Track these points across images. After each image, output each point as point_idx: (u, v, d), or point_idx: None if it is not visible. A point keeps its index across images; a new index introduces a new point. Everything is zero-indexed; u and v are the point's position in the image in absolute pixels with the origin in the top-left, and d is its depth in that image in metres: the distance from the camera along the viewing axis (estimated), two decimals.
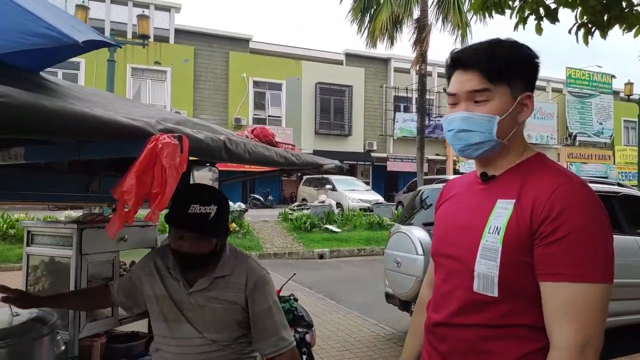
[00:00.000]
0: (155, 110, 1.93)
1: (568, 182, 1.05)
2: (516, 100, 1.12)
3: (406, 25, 15.87)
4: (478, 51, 1.13)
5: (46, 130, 1.06)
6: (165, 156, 1.23)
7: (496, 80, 1.11)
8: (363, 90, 25.03)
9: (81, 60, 19.39)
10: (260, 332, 1.71)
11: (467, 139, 1.13)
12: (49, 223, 2.65)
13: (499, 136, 1.12)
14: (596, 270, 0.99)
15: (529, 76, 1.15)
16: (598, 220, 1.02)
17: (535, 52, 1.16)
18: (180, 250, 1.64)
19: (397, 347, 4.97)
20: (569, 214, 1.01)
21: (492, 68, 1.10)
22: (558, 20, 3.68)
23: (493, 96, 1.11)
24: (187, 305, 1.69)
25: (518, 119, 1.14)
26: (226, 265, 1.73)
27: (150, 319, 1.80)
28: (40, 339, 1.87)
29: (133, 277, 1.85)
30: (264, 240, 12.23)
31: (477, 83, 1.11)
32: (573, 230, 1.00)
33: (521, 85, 1.13)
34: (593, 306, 0.98)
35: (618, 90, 29.41)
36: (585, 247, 1.00)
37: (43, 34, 1.18)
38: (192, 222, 1.59)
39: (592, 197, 1.04)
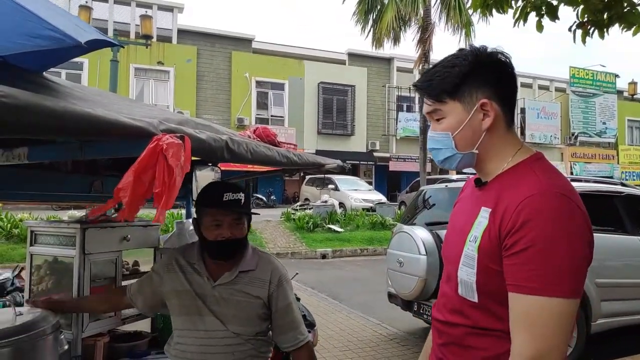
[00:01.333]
0: (157, 110, 1.94)
1: (538, 194, 1.02)
2: (471, 112, 1.12)
3: (410, 25, 15.85)
4: (424, 75, 1.20)
5: (49, 131, 1.07)
6: (171, 156, 1.24)
7: (442, 99, 1.15)
8: (366, 90, 25.02)
9: (84, 61, 19.45)
10: (281, 327, 1.83)
11: (437, 155, 1.20)
12: (52, 223, 2.65)
13: (461, 149, 1.15)
14: (554, 284, 0.97)
15: (488, 81, 1.13)
16: (563, 232, 0.98)
17: (492, 53, 1.15)
18: (219, 238, 1.71)
19: (399, 347, 4.97)
20: (530, 226, 0.99)
21: (433, 89, 1.16)
22: (558, 18, 3.66)
23: (446, 113, 1.16)
24: (212, 299, 1.74)
25: (482, 128, 1.13)
26: (250, 261, 1.82)
27: (172, 314, 1.82)
28: (43, 338, 1.87)
29: (154, 277, 1.88)
30: (266, 240, 12.24)
31: (429, 105, 1.18)
32: (533, 243, 0.98)
33: (477, 94, 1.12)
34: (548, 320, 0.97)
35: (622, 89, 29.36)
36: (545, 260, 0.97)
37: (46, 36, 1.19)
38: (229, 205, 1.71)
39: (562, 208, 1.00)
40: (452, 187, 5.41)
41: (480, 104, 1.12)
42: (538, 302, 0.98)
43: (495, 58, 1.15)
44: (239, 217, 1.75)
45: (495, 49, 1.16)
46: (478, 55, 1.14)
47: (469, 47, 1.17)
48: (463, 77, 1.13)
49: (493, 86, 1.13)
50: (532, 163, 1.12)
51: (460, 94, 1.14)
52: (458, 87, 1.13)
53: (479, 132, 1.14)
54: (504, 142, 1.16)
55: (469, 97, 1.13)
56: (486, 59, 1.14)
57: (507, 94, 1.16)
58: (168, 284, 1.81)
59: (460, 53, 1.17)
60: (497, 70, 1.15)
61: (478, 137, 1.14)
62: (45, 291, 2.57)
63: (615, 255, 4.82)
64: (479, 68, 1.13)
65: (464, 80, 1.13)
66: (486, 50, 1.15)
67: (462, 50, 1.17)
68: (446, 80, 1.14)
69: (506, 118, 1.16)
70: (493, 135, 1.14)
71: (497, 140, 1.15)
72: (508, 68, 1.16)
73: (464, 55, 1.15)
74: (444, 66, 1.16)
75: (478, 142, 1.14)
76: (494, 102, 1.13)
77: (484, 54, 1.15)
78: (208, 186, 1.83)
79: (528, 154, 1.15)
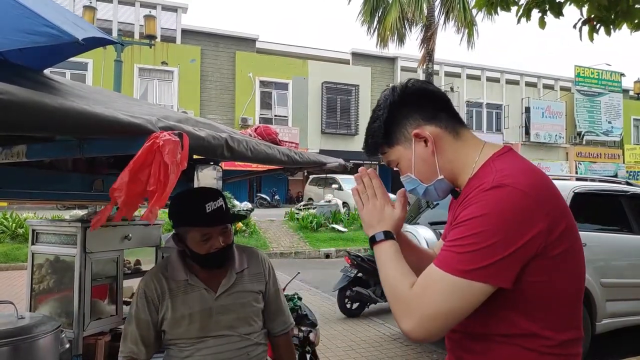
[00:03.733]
0: (157, 108, 1.93)
1: (477, 188, 1.03)
2: (412, 147, 1.15)
3: (415, 25, 15.80)
4: (364, 142, 1.25)
5: (46, 128, 1.06)
6: (167, 153, 1.23)
7: (384, 151, 1.21)
8: (369, 90, 24.98)
9: (89, 61, 19.53)
10: (273, 312, 1.85)
11: (417, 194, 1.22)
12: (54, 222, 2.66)
13: (427, 181, 1.17)
14: (449, 261, 0.99)
15: (409, 113, 1.15)
16: (481, 217, 0.97)
17: (400, 88, 1.18)
18: (212, 250, 1.64)
19: (402, 347, 4.95)
20: (460, 216, 1.02)
21: (373, 148, 1.22)
22: (562, 15, 3.63)
23: (396, 160, 1.20)
24: (217, 309, 1.69)
25: (429, 154, 1.14)
26: (240, 259, 1.80)
27: (176, 334, 1.67)
28: (44, 337, 1.88)
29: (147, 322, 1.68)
30: (270, 240, 12.24)
31: (383, 158, 1.23)
32: (457, 225, 1.01)
33: (407, 130, 1.15)
34: (436, 286, 0.99)
35: (627, 88, 29.17)
36: (456, 239, 1.00)
37: (43, 32, 1.18)
38: (216, 217, 1.64)
39: (490, 199, 0.99)
40: None
41: (414, 136, 1.15)
42: (438, 272, 1.00)
43: (404, 90, 1.18)
44: (225, 225, 1.69)
45: (400, 83, 1.20)
46: (388, 99, 1.18)
47: (382, 95, 1.21)
48: (385, 125, 1.17)
49: (415, 113, 1.15)
50: (494, 160, 1.10)
51: (394, 139, 1.18)
52: (388, 135, 1.18)
53: (430, 159, 1.15)
54: (460, 152, 1.15)
55: (402, 137, 1.17)
56: (396, 97, 1.17)
57: (433, 109, 1.16)
58: (168, 313, 1.66)
59: (377, 106, 1.21)
60: (411, 100, 1.17)
61: (434, 164, 1.15)
62: (46, 290, 2.57)
63: (621, 255, 4.78)
64: (394, 109, 1.17)
65: (387, 127, 1.17)
66: (395, 89, 1.19)
67: (378, 101, 1.21)
68: (375, 135, 1.19)
69: (448, 129, 1.15)
70: (444, 153, 1.15)
71: (452, 155, 1.15)
72: (420, 89, 1.18)
73: (378, 106, 1.20)
74: (370, 125, 1.22)
75: (437, 168, 1.15)
76: (426, 125, 1.14)
77: (393, 94, 1.18)
78: (185, 199, 1.68)
79: (492, 151, 1.13)
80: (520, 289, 1.00)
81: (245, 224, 12.32)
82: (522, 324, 1.03)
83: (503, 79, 27.41)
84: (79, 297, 2.34)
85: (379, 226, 1.16)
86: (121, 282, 2.63)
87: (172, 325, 1.65)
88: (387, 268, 1.10)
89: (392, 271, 1.08)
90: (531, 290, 1.01)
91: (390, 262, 1.10)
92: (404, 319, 1.02)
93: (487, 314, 1.03)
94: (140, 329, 1.66)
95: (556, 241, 1.01)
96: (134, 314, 1.67)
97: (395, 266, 1.09)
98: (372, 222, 1.17)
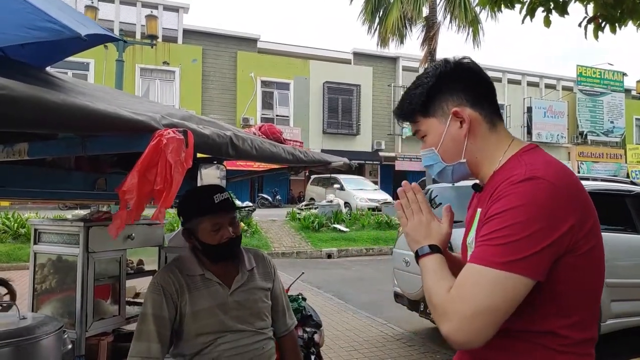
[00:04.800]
0: (160, 106, 1.91)
1: (509, 179, 1.00)
2: (446, 123, 1.13)
3: (415, 24, 15.78)
4: (398, 104, 1.22)
5: (47, 124, 1.04)
6: (171, 151, 1.21)
7: (416, 120, 1.18)
8: (371, 90, 24.94)
9: (90, 61, 19.53)
10: (279, 312, 1.89)
11: (431, 171, 1.21)
12: (56, 221, 2.64)
13: (448, 161, 1.16)
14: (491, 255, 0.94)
15: (455, 90, 1.13)
16: (518, 209, 0.94)
17: (453, 62, 1.15)
18: (224, 239, 1.68)
19: (406, 347, 4.93)
20: (493, 208, 0.98)
21: (406, 113, 1.19)
22: (567, 13, 3.60)
23: (425, 131, 1.18)
24: (232, 305, 1.71)
25: (461, 135, 1.13)
26: (249, 258, 1.84)
27: (195, 329, 1.65)
28: (46, 338, 1.87)
29: (165, 319, 1.64)
30: (272, 240, 12.22)
31: (412, 127, 1.21)
32: (490, 218, 0.98)
33: (447, 105, 1.13)
34: (474, 282, 0.95)
35: (629, 88, 29.09)
36: (492, 232, 0.96)
37: (45, 27, 1.16)
38: (225, 206, 1.70)
39: (526, 190, 0.95)
40: (458, 186, 5.35)
41: (453, 113, 1.13)
42: (471, 269, 0.97)
43: (458, 66, 1.15)
44: (234, 215, 1.75)
45: (455, 57, 1.17)
46: (438, 68, 1.16)
47: (433, 64, 1.19)
48: (428, 93, 1.15)
49: (461, 92, 1.13)
50: (521, 155, 1.09)
51: (431, 110, 1.16)
52: (427, 105, 1.15)
53: (460, 140, 1.13)
54: (491, 143, 1.14)
55: (441, 110, 1.14)
56: (448, 69, 1.15)
57: (480, 94, 1.14)
58: (188, 309, 1.65)
59: (424, 73, 1.19)
60: (462, 76, 1.15)
61: (461, 146, 1.14)
62: (48, 289, 2.55)
63: (626, 255, 4.75)
64: (442, 80, 1.14)
65: (430, 96, 1.15)
66: (448, 61, 1.16)
67: (426, 69, 1.20)
68: (414, 101, 1.17)
69: (487, 118, 1.14)
70: (476, 139, 1.13)
71: (482, 144, 1.14)
72: (473, 70, 1.15)
73: (426, 73, 1.18)
74: (411, 89, 1.19)
75: (462, 151, 1.14)
76: (467, 107, 1.13)
77: (446, 65, 1.15)
78: (193, 194, 1.78)
79: (519, 147, 1.12)
80: (547, 287, 0.98)
81: (247, 224, 12.30)
82: (542, 321, 1.01)
83: (505, 79, 27.34)
84: (82, 297, 2.32)
85: (425, 241, 1.12)
86: (124, 282, 2.61)
87: (194, 319, 1.64)
88: (429, 279, 1.06)
89: (434, 280, 1.04)
90: (557, 288, 0.99)
91: (433, 274, 1.06)
92: (444, 322, 0.97)
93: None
94: (158, 326, 1.61)
95: (584, 238, 0.99)
96: (150, 312, 1.62)
97: (437, 276, 1.05)
98: (418, 237, 1.13)
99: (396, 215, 1.21)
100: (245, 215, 12.73)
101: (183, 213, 1.74)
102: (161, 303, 1.63)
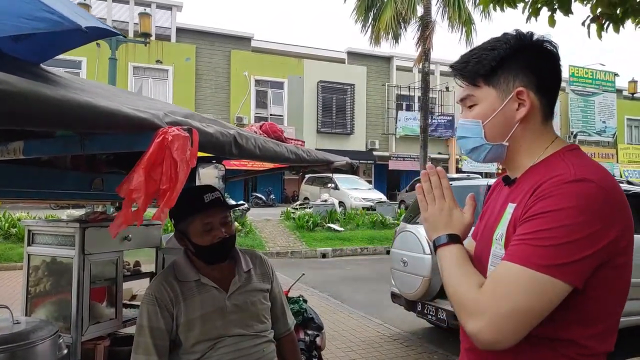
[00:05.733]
0: (162, 103, 1.85)
1: (557, 176, 0.94)
2: (506, 100, 1.04)
3: (410, 24, 15.79)
4: (462, 57, 1.12)
5: (46, 121, 0.99)
6: (176, 149, 1.16)
7: (477, 84, 1.07)
8: (365, 89, 24.94)
9: (82, 59, 19.35)
10: (278, 313, 1.86)
11: (464, 145, 1.12)
12: (51, 222, 2.58)
13: (490, 139, 1.07)
14: (532, 256, 0.89)
15: (527, 69, 1.04)
16: (567, 211, 0.89)
17: (537, 40, 1.06)
18: (216, 240, 1.63)
19: (402, 347, 4.90)
20: (538, 206, 0.92)
21: (469, 71, 1.08)
22: (571, 12, 3.59)
23: (478, 100, 1.08)
24: (230, 309, 1.67)
25: (515, 118, 1.05)
26: (246, 260, 1.80)
27: (192, 337, 1.61)
28: (41, 343, 1.81)
29: (162, 330, 1.60)
30: (266, 240, 12.16)
31: (462, 90, 1.11)
32: (534, 216, 0.92)
33: (514, 82, 1.04)
34: (511, 281, 0.90)
35: (621, 88, 29.33)
36: (535, 232, 0.90)
37: (43, 18, 1.10)
38: (215, 205, 1.65)
39: (576, 192, 0.90)
40: (456, 185, 5.34)
41: (516, 92, 1.04)
42: (513, 267, 0.91)
43: (540, 45, 1.05)
44: (226, 214, 1.69)
45: (543, 37, 1.07)
46: (521, 40, 1.05)
47: (514, 31, 1.08)
48: (501, 61, 1.04)
49: (532, 74, 1.04)
50: (564, 154, 1.03)
51: (495, 80, 1.05)
52: (494, 72, 1.05)
53: (511, 122, 1.05)
54: (538, 136, 1.07)
55: (505, 84, 1.05)
56: (529, 44, 1.05)
57: (548, 85, 1.06)
58: (183, 319, 1.60)
59: (502, 36, 1.08)
60: (539, 58, 1.05)
61: (510, 128, 1.05)
62: (43, 292, 2.49)
63: None
64: (519, 53, 1.04)
65: (501, 64, 1.04)
66: (532, 35, 1.06)
67: (505, 34, 1.08)
68: (482, 62, 1.06)
69: (543, 111, 1.07)
70: (527, 127, 1.06)
71: (531, 134, 1.06)
72: (553, 58, 1.06)
73: (506, 38, 1.06)
74: (483, 48, 1.07)
75: (509, 134, 1.06)
76: (532, 91, 1.04)
77: (527, 38, 1.06)
78: (182, 194, 1.67)
79: (561, 145, 1.07)
80: (575, 294, 0.93)
81: (241, 223, 12.23)
82: (564, 329, 0.96)
83: None
84: (77, 301, 2.26)
85: (445, 230, 1.06)
86: (121, 284, 2.55)
87: (186, 328, 1.60)
88: (450, 271, 1.01)
89: (457, 273, 0.99)
90: (585, 297, 0.94)
91: (454, 266, 1.01)
92: (472, 320, 0.92)
93: None
94: (155, 338, 1.58)
95: (623, 250, 0.94)
96: (146, 324, 1.59)
97: (460, 269, 1.00)
98: (438, 225, 1.07)
99: (416, 198, 1.13)
100: (240, 214, 12.66)
101: (173, 215, 1.68)
102: (156, 314, 1.60)
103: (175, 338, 1.63)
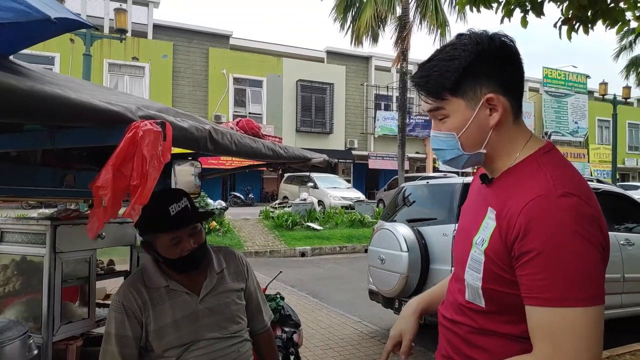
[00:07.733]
0: (135, 97, 1.82)
1: (541, 196, 0.93)
2: (476, 108, 1.02)
3: (387, 24, 15.90)
4: (421, 69, 1.08)
5: (13, 113, 0.96)
6: (146, 144, 1.13)
7: (444, 98, 1.04)
8: (344, 88, 25.02)
9: (55, 55, 18.88)
10: (254, 310, 1.80)
11: (442, 156, 1.10)
12: (21, 220, 2.51)
13: (467, 149, 1.05)
14: (569, 293, 0.88)
15: (492, 72, 1.01)
16: (571, 235, 0.89)
17: (493, 39, 1.02)
18: (184, 253, 1.55)
19: (380, 345, 4.93)
20: (536, 232, 0.91)
21: (432, 86, 1.05)
22: (543, 14, 3.68)
23: (449, 113, 1.05)
24: (202, 313, 1.61)
25: (489, 124, 1.02)
26: (219, 259, 1.74)
27: (164, 344, 1.56)
28: (10, 343, 1.76)
29: (129, 339, 1.56)
30: (244, 239, 12.08)
31: (429, 103, 1.07)
32: (540, 251, 0.90)
33: (481, 89, 1.01)
34: (570, 332, 0.88)
35: (592, 90, 30.14)
36: (555, 267, 0.89)
37: (9, 7, 1.07)
38: (182, 219, 1.55)
39: (567, 210, 0.90)
40: (432, 184, 5.40)
41: (486, 99, 1.01)
42: (557, 314, 0.89)
43: (498, 44, 1.02)
44: (195, 225, 1.60)
45: (497, 33, 1.04)
46: (479, 43, 1.01)
47: (467, 34, 1.04)
48: (464, 70, 1.01)
49: (498, 77, 1.02)
50: (540, 157, 1.02)
51: (462, 90, 1.02)
52: (459, 83, 1.01)
53: (486, 129, 1.03)
54: (512, 136, 1.05)
55: (472, 93, 1.02)
56: (488, 46, 1.01)
57: (514, 82, 1.04)
58: (153, 327, 1.55)
59: (458, 42, 1.03)
60: (500, 57, 1.02)
61: (486, 135, 1.03)
62: (12, 292, 2.42)
63: None
64: (480, 58, 1.01)
65: (464, 74, 1.01)
66: (487, 35, 1.02)
67: (460, 38, 1.04)
68: (445, 75, 1.02)
69: (514, 110, 1.05)
70: (501, 131, 1.04)
71: (505, 136, 1.04)
72: (513, 54, 1.04)
73: (462, 44, 1.02)
74: (442, 59, 1.04)
75: (485, 141, 1.04)
76: (501, 95, 1.02)
77: (485, 41, 1.02)
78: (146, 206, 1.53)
79: (537, 146, 1.05)
80: None
81: (219, 222, 12.13)
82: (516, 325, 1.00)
83: None
84: (48, 300, 2.19)
85: None
86: (94, 283, 2.49)
87: (158, 336, 1.54)
88: None
89: None
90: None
91: None
92: None
93: (518, 314, 0.97)
94: (121, 347, 1.52)
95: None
96: (114, 332, 1.53)
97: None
98: None
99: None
100: (217, 214, 12.55)
101: (137, 226, 1.59)
102: (123, 322, 1.54)
103: (146, 344, 1.57)
